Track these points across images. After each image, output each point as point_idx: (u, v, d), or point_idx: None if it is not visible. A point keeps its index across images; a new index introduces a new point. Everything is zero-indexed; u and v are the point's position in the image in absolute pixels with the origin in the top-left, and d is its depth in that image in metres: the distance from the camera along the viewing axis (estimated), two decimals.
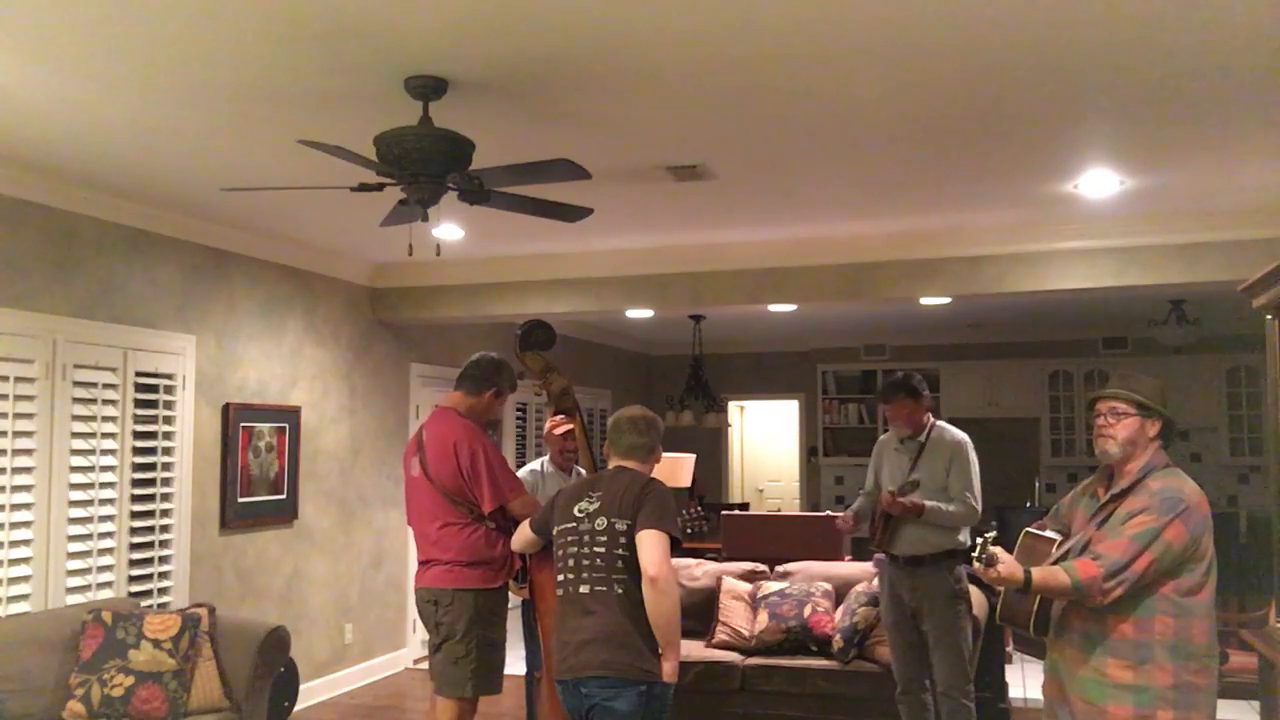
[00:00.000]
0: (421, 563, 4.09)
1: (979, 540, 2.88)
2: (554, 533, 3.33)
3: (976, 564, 2.86)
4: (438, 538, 4.00)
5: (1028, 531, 3.16)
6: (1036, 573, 2.86)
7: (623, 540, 3.13)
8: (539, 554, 3.72)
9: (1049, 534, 3.11)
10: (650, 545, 3.09)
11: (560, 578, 3.25)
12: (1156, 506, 2.81)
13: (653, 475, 3.35)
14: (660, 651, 3.12)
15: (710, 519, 8.24)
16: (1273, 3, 2.76)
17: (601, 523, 3.17)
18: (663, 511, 3.15)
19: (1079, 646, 2.92)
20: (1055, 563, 2.93)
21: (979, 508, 4.50)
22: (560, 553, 3.27)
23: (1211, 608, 2.87)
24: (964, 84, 3.38)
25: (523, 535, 3.64)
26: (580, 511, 3.25)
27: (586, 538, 3.19)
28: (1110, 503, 2.95)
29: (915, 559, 4.49)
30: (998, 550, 2.85)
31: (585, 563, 3.16)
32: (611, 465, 3.38)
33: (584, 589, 3.14)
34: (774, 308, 6.63)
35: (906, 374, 4.67)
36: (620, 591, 3.10)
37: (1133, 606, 2.82)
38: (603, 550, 3.14)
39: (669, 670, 3.13)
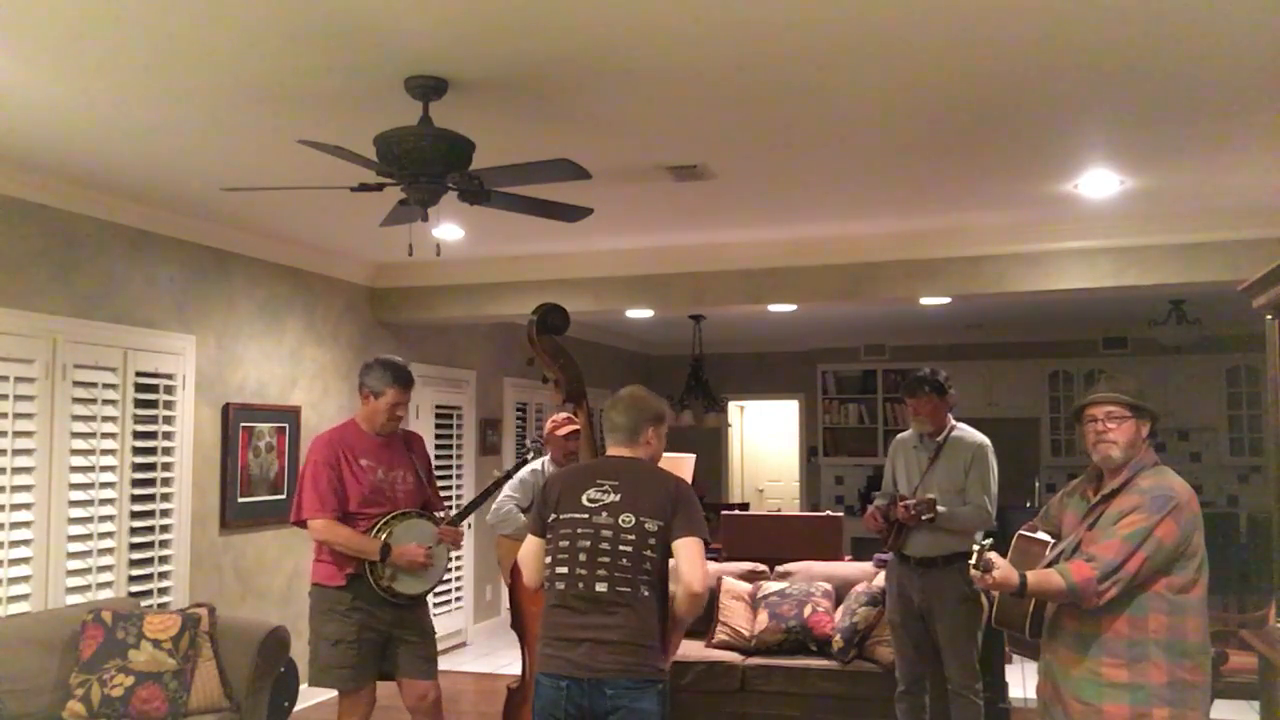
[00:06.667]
0: None
1: (975, 548, 2.87)
2: (550, 520, 3.06)
3: (974, 571, 2.86)
4: None
5: (1020, 534, 3.17)
6: (1031, 576, 2.86)
7: (652, 541, 2.96)
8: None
9: (1041, 536, 3.11)
10: (693, 556, 2.95)
11: (563, 570, 2.97)
12: (1147, 505, 2.82)
13: (659, 466, 3.22)
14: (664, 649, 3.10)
15: (710, 519, 8.22)
16: (1272, 4, 2.76)
17: (628, 519, 2.96)
18: (698, 516, 3.03)
19: (1072, 646, 2.92)
20: (1049, 565, 2.94)
21: (993, 512, 4.48)
22: (566, 544, 2.99)
23: (1204, 605, 2.88)
24: (964, 84, 3.38)
25: (529, 549, 3.15)
26: (592, 501, 3.00)
27: (607, 533, 2.96)
28: (1101, 503, 2.96)
29: (927, 560, 4.48)
30: (994, 556, 2.86)
31: (604, 559, 2.95)
32: (610, 450, 3.18)
33: (601, 587, 2.94)
34: (774, 308, 6.63)
35: (933, 369, 4.64)
36: (646, 594, 2.95)
37: (1126, 605, 2.82)
38: (629, 550, 2.94)
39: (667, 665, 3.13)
